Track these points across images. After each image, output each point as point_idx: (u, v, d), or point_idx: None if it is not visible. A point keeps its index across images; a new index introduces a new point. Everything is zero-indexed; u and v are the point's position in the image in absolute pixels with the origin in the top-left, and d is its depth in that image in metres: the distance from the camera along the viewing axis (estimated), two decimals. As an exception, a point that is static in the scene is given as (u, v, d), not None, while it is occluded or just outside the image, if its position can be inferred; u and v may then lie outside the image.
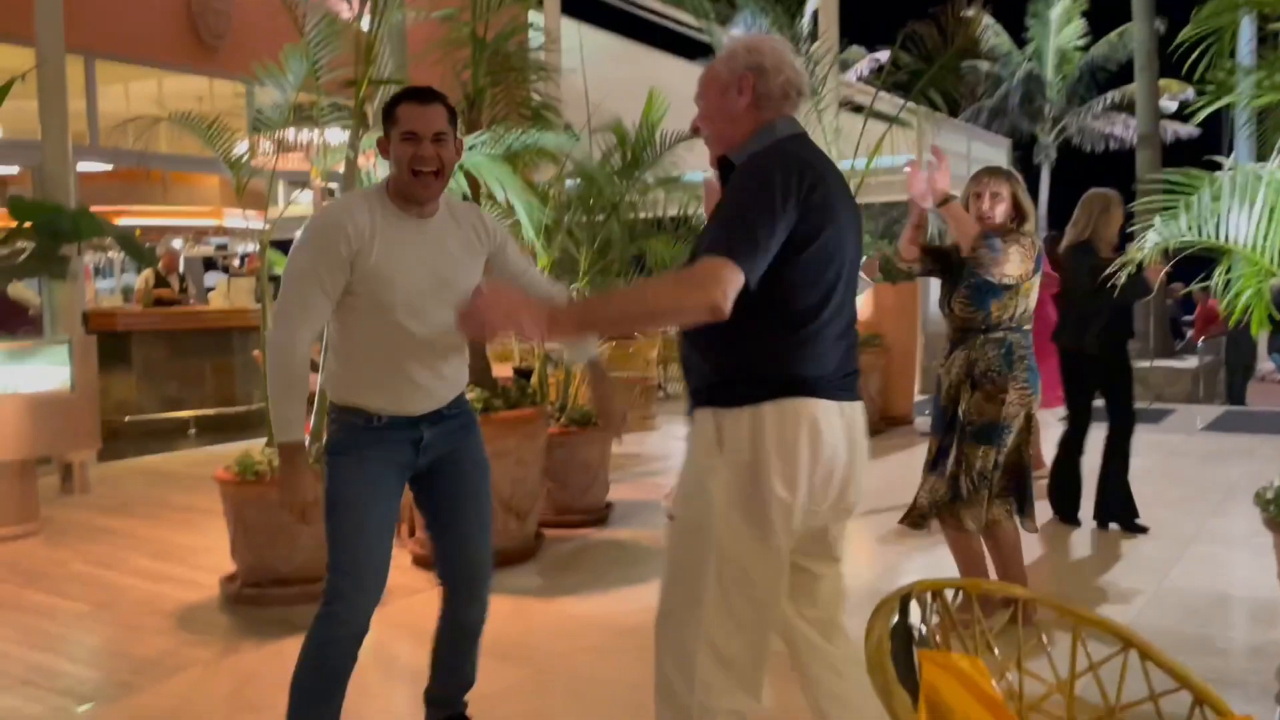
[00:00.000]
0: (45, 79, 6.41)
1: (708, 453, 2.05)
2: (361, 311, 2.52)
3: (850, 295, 2.15)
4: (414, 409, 2.60)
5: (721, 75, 2.17)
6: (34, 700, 3.36)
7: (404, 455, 2.61)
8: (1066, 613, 1.76)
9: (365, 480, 2.56)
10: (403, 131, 2.48)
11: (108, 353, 7.37)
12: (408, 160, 2.47)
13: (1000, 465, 3.62)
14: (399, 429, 2.59)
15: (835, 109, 8.68)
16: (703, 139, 2.26)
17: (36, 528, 5.62)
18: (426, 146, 2.47)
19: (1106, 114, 24.96)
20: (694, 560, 2.05)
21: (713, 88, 2.19)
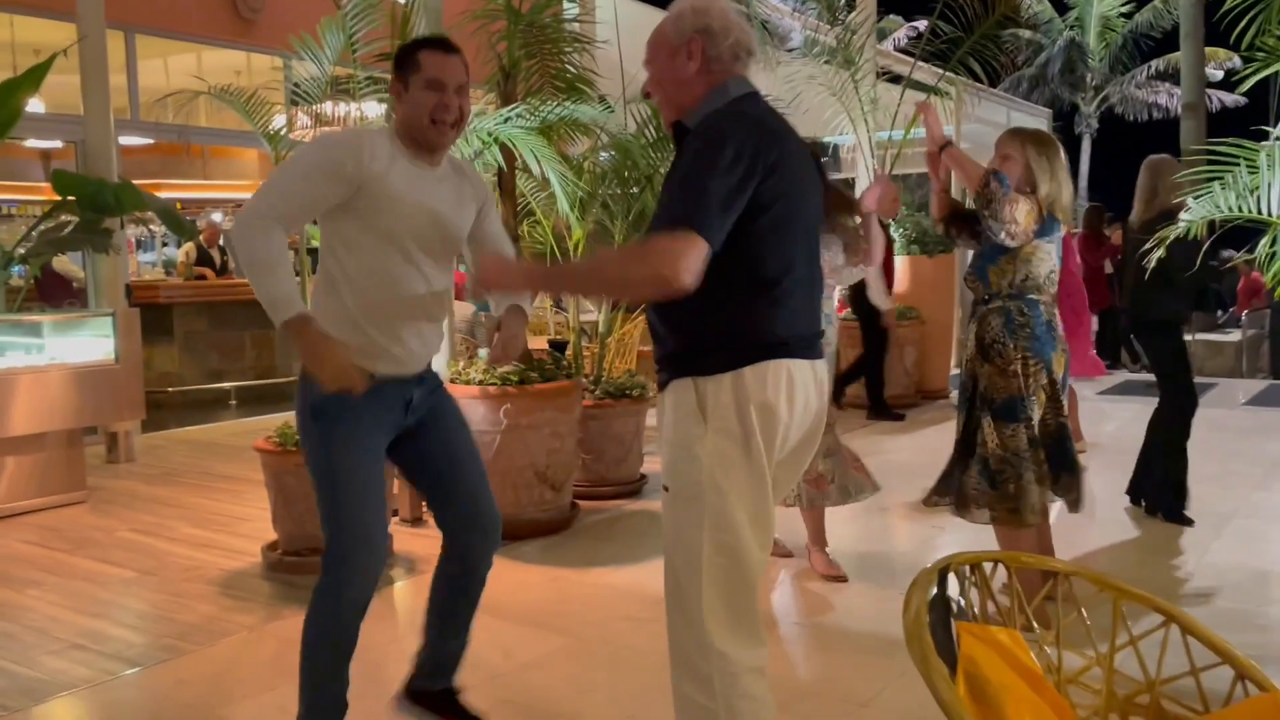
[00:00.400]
0: (87, 54, 6.47)
1: (694, 420, 2.04)
2: (364, 250, 2.46)
3: (815, 255, 2.15)
4: (408, 368, 2.56)
5: (670, 39, 2.13)
6: (82, 664, 3.44)
7: (394, 416, 2.55)
8: (1106, 586, 1.76)
9: (362, 445, 2.48)
10: (427, 78, 2.44)
11: (150, 325, 7.48)
12: (430, 108, 2.44)
13: (1035, 442, 3.51)
14: (391, 388, 2.52)
15: (872, 79, 8.58)
16: (656, 104, 2.21)
17: (84, 496, 5.74)
18: (450, 96, 2.45)
19: (1150, 83, 24.47)
20: (691, 527, 2.04)
21: (661, 51, 2.15)
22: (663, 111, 2.21)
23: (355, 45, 4.82)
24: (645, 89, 2.21)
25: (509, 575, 4.11)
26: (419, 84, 2.45)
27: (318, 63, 4.90)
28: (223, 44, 8.71)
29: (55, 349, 5.73)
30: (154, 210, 6.47)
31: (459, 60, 2.50)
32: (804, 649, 3.53)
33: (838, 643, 3.55)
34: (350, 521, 2.44)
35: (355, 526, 2.44)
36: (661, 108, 2.21)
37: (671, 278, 1.87)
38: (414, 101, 2.45)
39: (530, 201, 5.87)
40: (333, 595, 2.46)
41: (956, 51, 8.21)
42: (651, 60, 2.17)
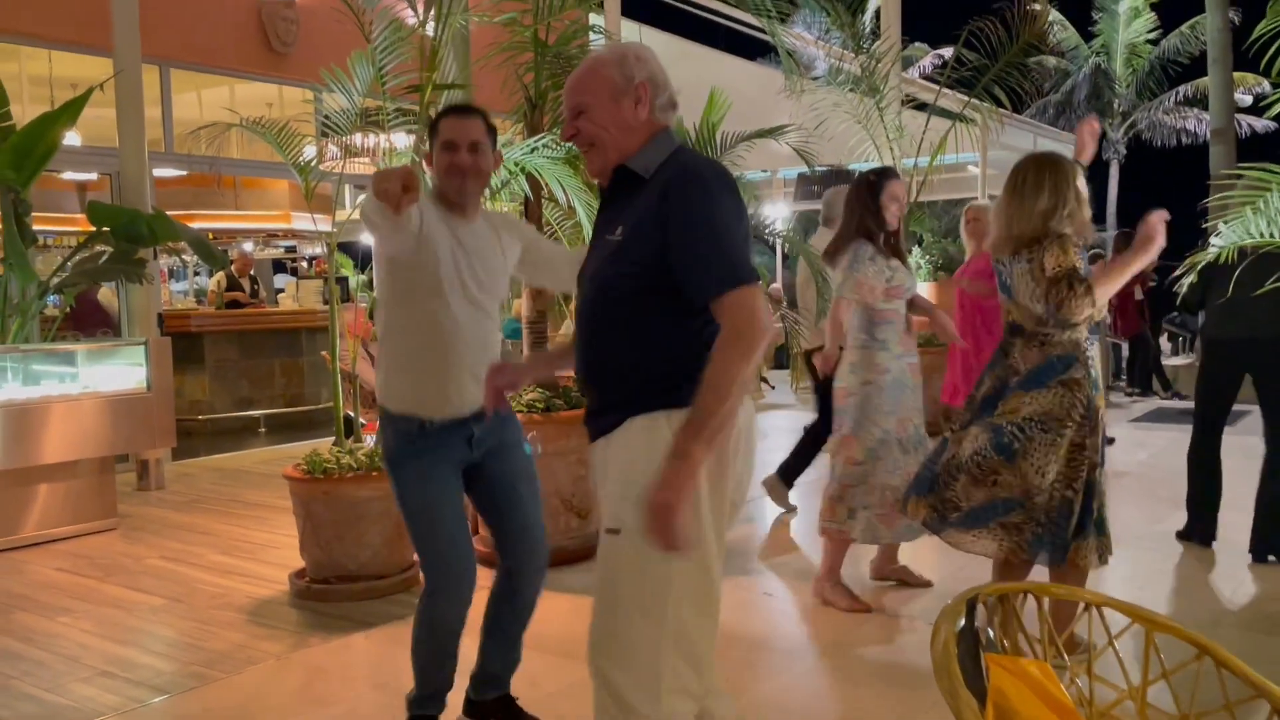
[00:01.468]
0: (123, 88, 6.60)
1: (652, 455, 1.94)
2: (411, 304, 2.74)
3: None
4: (462, 410, 2.78)
5: (615, 82, 2.08)
6: (111, 691, 3.46)
7: (459, 452, 2.81)
8: (1138, 617, 1.73)
9: (430, 482, 2.77)
10: (442, 141, 2.75)
11: (181, 353, 7.57)
12: (445, 165, 2.74)
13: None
14: (451, 430, 2.78)
15: (898, 106, 8.60)
16: (579, 147, 2.12)
17: (114, 523, 5.80)
18: (462, 155, 2.72)
19: (1178, 108, 24.35)
20: (650, 566, 1.95)
21: (603, 94, 2.08)
22: (597, 153, 2.11)
23: (384, 78, 4.88)
24: (571, 130, 2.11)
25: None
26: (438, 147, 2.77)
27: (348, 95, 4.98)
28: (255, 77, 8.86)
29: (88, 378, 5.81)
30: (186, 240, 6.57)
31: (475, 121, 2.77)
32: (830, 681, 3.49)
33: (864, 675, 3.51)
34: (430, 553, 2.77)
35: (434, 557, 2.76)
36: (597, 150, 2.10)
37: (762, 336, 1.90)
38: (436, 163, 2.78)
39: (556, 230, 5.91)
40: (427, 612, 2.80)
41: (982, 79, 8.23)
42: (589, 102, 2.08)
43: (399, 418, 2.79)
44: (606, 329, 2.08)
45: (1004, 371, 3.40)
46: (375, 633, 3.96)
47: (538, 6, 4.88)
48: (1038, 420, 3.25)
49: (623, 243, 2.04)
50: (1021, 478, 3.25)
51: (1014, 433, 3.26)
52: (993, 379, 3.45)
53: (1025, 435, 3.25)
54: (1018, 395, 3.31)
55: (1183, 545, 4.86)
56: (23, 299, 5.89)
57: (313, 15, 8.54)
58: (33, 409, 5.42)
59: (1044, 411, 3.25)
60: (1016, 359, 3.36)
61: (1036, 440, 3.24)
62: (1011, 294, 3.37)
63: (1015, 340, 3.39)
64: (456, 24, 4.87)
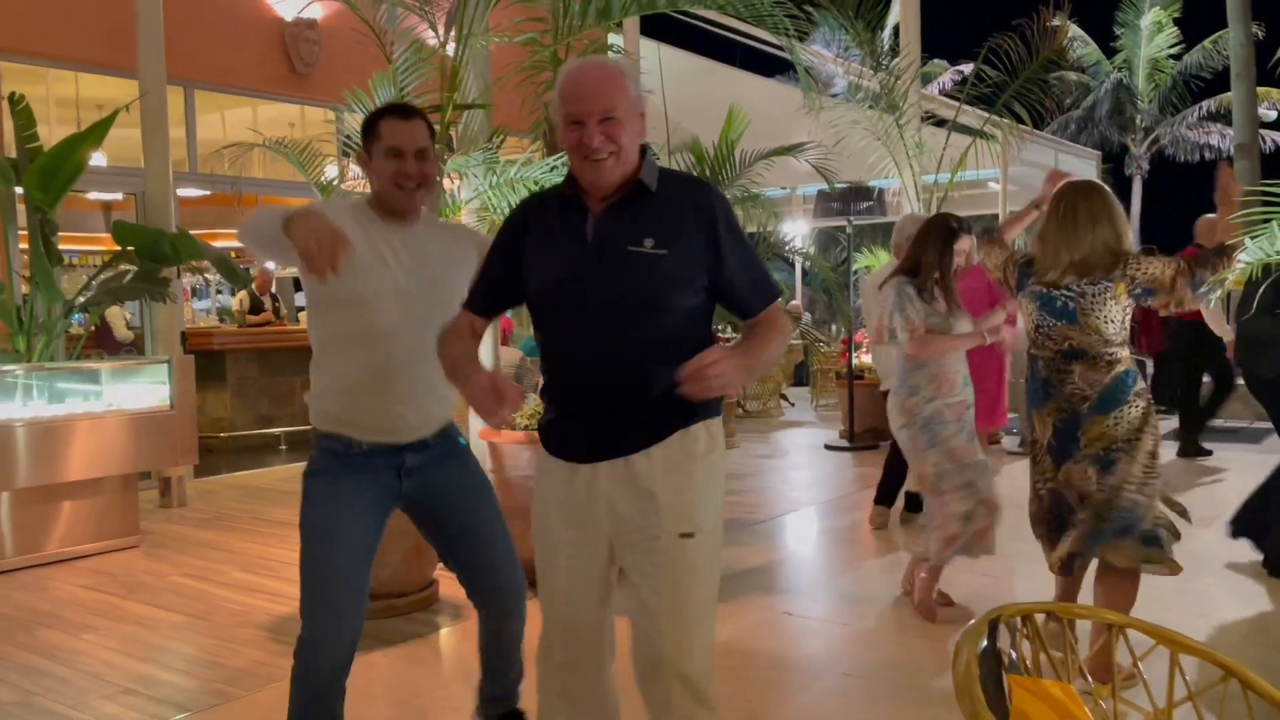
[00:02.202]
0: (147, 109, 6.68)
1: (718, 460, 2.19)
2: (341, 320, 2.54)
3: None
4: (396, 436, 2.56)
5: (635, 95, 2.11)
6: (134, 709, 3.48)
7: (386, 481, 2.57)
8: (1163, 638, 1.71)
9: (338, 502, 2.51)
10: (386, 146, 2.52)
11: (203, 371, 7.63)
12: (391, 175, 2.52)
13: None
14: (379, 455, 2.56)
15: (917, 123, 8.59)
16: (602, 162, 2.06)
17: (137, 540, 5.83)
18: (409, 162, 2.51)
19: (1201, 123, 24.19)
20: (716, 565, 2.20)
21: (630, 105, 2.09)
22: (618, 163, 2.08)
23: (406, 98, 4.92)
24: (603, 133, 2.04)
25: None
26: (380, 152, 2.53)
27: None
28: (277, 98, 8.95)
29: (112, 395, 5.86)
30: (209, 259, 6.63)
31: (418, 125, 2.55)
32: (852, 701, 3.46)
33: (885, 695, 3.49)
34: (312, 577, 2.47)
35: (315, 582, 2.46)
36: (618, 159, 2.07)
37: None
38: (378, 170, 2.55)
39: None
40: (301, 654, 2.46)
41: (1002, 95, 8.21)
42: (620, 109, 2.06)
43: (326, 435, 2.58)
44: (653, 343, 2.09)
45: (1065, 402, 3.36)
46: (394, 651, 3.96)
47: (557, 26, 4.92)
48: (1134, 436, 3.29)
49: (667, 258, 2.07)
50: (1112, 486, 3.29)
51: (1120, 452, 3.29)
52: (1053, 414, 3.39)
53: (1129, 453, 3.29)
54: (1098, 420, 3.30)
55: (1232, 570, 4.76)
56: (48, 318, 5.96)
57: (335, 36, 8.63)
58: (57, 427, 5.47)
59: (1137, 426, 3.29)
60: (1079, 385, 3.32)
61: (1130, 451, 3.29)
62: (1075, 318, 3.33)
63: (1073, 366, 3.34)
64: (477, 44, 4.90)
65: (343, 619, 2.45)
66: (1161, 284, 3.28)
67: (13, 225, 6.24)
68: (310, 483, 2.55)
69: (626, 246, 2.08)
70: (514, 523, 4.52)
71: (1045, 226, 3.45)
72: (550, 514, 2.23)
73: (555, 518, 2.22)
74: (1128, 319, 3.35)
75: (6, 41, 7.10)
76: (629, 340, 2.09)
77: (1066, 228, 3.34)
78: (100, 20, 7.36)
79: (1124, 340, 3.35)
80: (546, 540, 2.25)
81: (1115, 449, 3.29)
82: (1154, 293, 3.30)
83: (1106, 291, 3.29)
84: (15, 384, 5.59)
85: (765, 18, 4.78)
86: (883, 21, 8.36)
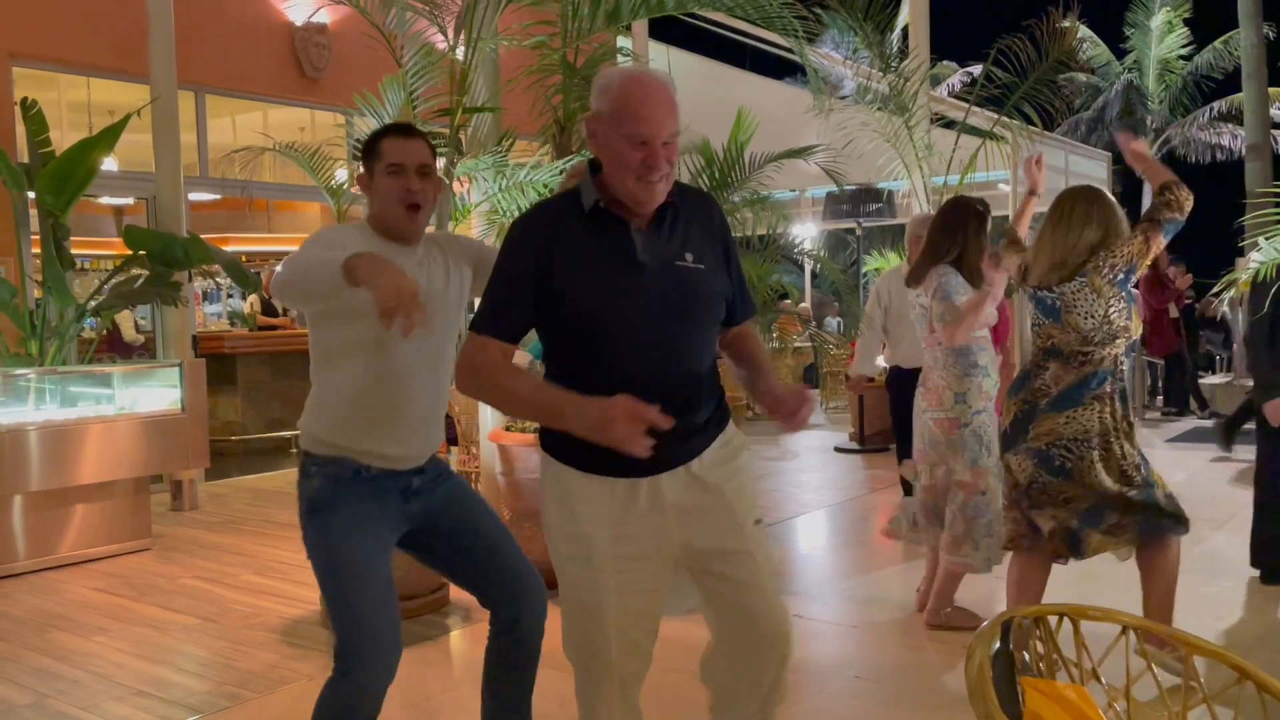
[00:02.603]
0: (159, 114, 6.71)
1: (745, 456, 2.28)
2: (351, 351, 2.42)
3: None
4: (404, 465, 2.48)
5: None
6: (145, 710, 3.49)
7: (393, 505, 2.49)
8: (1178, 641, 1.70)
9: (362, 534, 2.41)
10: (388, 164, 2.42)
11: (215, 375, 7.65)
12: (397, 193, 2.41)
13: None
14: (387, 479, 2.46)
15: (926, 125, 8.57)
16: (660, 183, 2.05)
17: (149, 543, 5.85)
18: (412, 178, 2.41)
19: (1213, 124, 24.08)
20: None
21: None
22: (666, 187, 2.08)
23: (415, 102, 4.94)
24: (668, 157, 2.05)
25: (560, 624, 4.10)
26: (382, 171, 2.43)
27: (379, 119, 5.04)
28: (288, 102, 8.98)
29: (124, 399, 5.89)
30: (220, 263, 6.65)
31: (420, 143, 2.46)
32: (862, 704, 3.46)
33: (897, 698, 3.48)
34: (355, 614, 2.37)
35: (360, 619, 2.36)
36: (667, 185, 2.08)
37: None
38: (381, 189, 2.43)
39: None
40: (344, 689, 2.37)
41: (1011, 96, 8.19)
42: (675, 130, 2.08)
43: (329, 460, 2.46)
44: (702, 354, 2.18)
45: (1030, 395, 3.43)
46: (406, 653, 3.91)
47: (566, 30, 4.93)
48: (1083, 439, 3.31)
49: (704, 271, 2.14)
50: (1090, 488, 3.31)
51: (1063, 454, 3.32)
52: (1017, 404, 3.47)
53: (1076, 454, 3.31)
54: (1050, 417, 3.34)
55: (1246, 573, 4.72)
56: (60, 322, 5.99)
57: (344, 41, 8.65)
58: (70, 430, 5.50)
59: (1086, 430, 3.30)
60: (1048, 381, 3.39)
61: (1087, 458, 3.30)
62: (1059, 316, 3.37)
63: (1049, 363, 3.40)
64: (486, 48, 4.92)
65: (394, 650, 2.39)
66: (1139, 253, 3.31)
67: (25, 230, 6.27)
68: (323, 519, 2.42)
69: (674, 262, 2.11)
70: (525, 525, 4.53)
71: (1042, 229, 3.47)
72: (595, 535, 2.13)
73: (603, 537, 2.12)
74: (1114, 313, 3.32)
75: (19, 47, 7.14)
76: (685, 352, 2.13)
77: (1060, 231, 3.38)
78: (112, 26, 7.40)
79: (1105, 339, 3.32)
80: (590, 562, 2.14)
81: (1060, 448, 3.32)
82: (1134, 270, 3.32)
83: (1085, 287, 3.31)
84: (28, 388, 5.62)
85: (774, 20, 4.78)
86: (892, 23, 8.34)
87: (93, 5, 7.41)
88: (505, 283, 2.11)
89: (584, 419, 1.93)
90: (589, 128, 2.08)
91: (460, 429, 6.03)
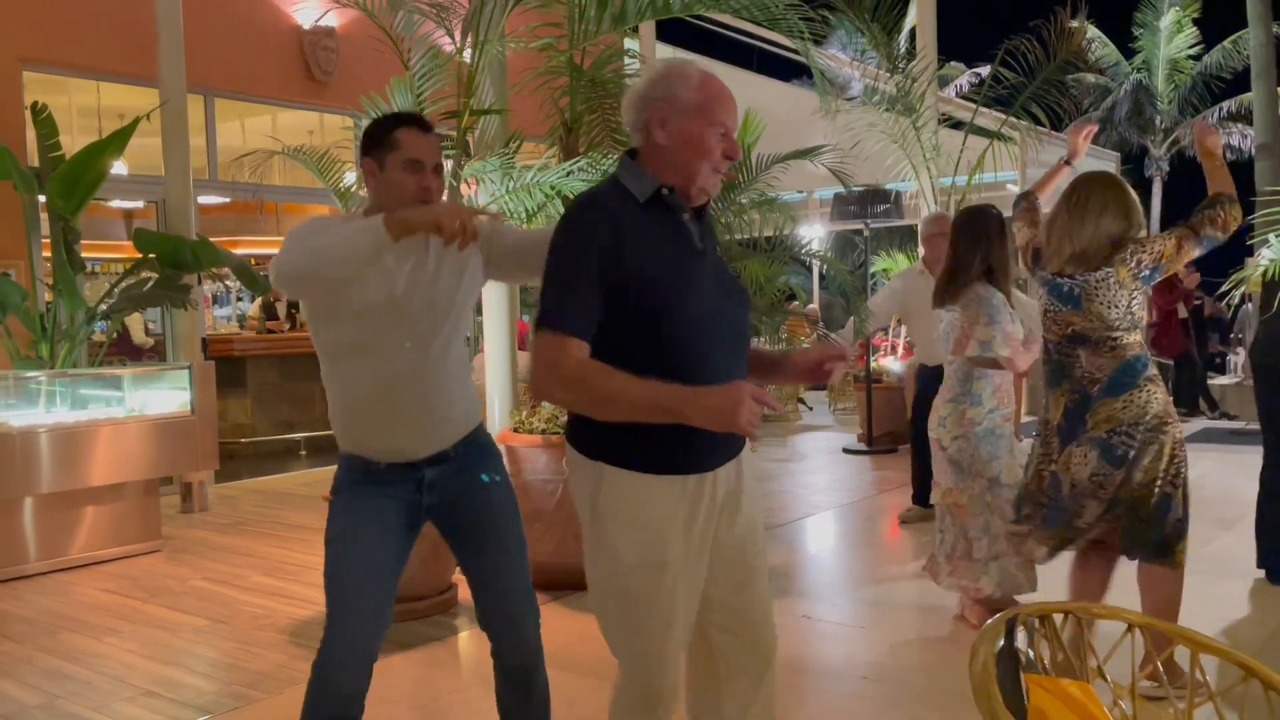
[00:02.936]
0: (168, 118, 6.74)
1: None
2: (357, 337, 2.39)
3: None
4: (418, 453, 2.44)
5: None
6: (156, 711, 3.51)
7: (407, 496, 2.45)
8: (1184, 639, 1.70)
9: (358, 513, 2.41)
10: (405, 159, 2.34)
11: (224, 377, 7.68)
12: (412, 190, 2.34)
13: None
14: (399, 472, 2.44)
15: (934, 125, 8.57)
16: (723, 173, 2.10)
17: (159, 545, 5.88)
18: (429, 176, 2.36)
19: (1222, 124, 23.99)
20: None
21: None
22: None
23: (423, 104, 4.95)
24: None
25: (571, 626, 4.11)
26: (397, 164, 2.34)
27: (387, 122, 5.04)
28: (296, 105, 9.01)
29: (134, 401, 5.91)
30: (229, 266, 6.68)
31: (436, 139, 2.42)
32: (869, 705, 3.46)
33: (904, 698, 3.48)
34: (332, 593, 2.36)
35: (336, 591, 2.35)
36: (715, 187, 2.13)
37: None
38: (392, 182, 2.35)
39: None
40: (317, 671, 2.34)
41: (1019, 97, 8.18)
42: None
43: (346, 456, 2.50)
44: (747, 340, 2.22)
45: (1074, 385, 3.35)
46: (414, 654, 3.98)
47: (573, 32, 4.94)
48: (1144, 422, 3.25)
49: (725, 260, 2.21)
50: (1123, 481, 3.26)
51: (1124, 440, 3.25)
52: (1063, 396, 3.39)
53: (1135, 439, 3.25)
54: (1107, 403, 3.27)
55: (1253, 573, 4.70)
56: (71, 324, 6.02)
57: (352, 44, 8.68)
58: (80, 432, 5.53)
59: (1147, 413, 3.25)
60: (1086, 368, 3.32)
61: (1147, 442, 3.25)
62: (1079, 303, 3.31)
63: (1079, 351, 3.33)
64: (493, 50, 4.93)
65: (358, 635, 2.33)
66: (1169, 256, 3.28)
67: (36, 233, 6.31)
68: (332, 502, 2.48)
69: (715, 250, 2.17)
70: (533, 525, 4.54)
71: (1055, 213, 3.41)
72: (670, 537, 2.03)
73: (678, 539, 2.03)
74: (1135, 305, 3.30)
75: (30, 52, 7.18)
76: (743, 338, 2.17)
77: (1074, 217, 3.32)
78: (121, 30, 7.44)
79: (1131, 326, 3.30)
80: (666, 568, 2.03)
81: (1120, 435, 3.24)
82: (1160, 270, 3.28)
83: (1110, 278, 3.27)
84: (39, 390, 5.65)
85: (780, 21, 4.78)
86: (899, 24, 8.34)
87: (102, 10, 7.45)
88: (575, 275, 1.96)
89: (708, 409, 1.84)
90: (658, 115, 2.02)
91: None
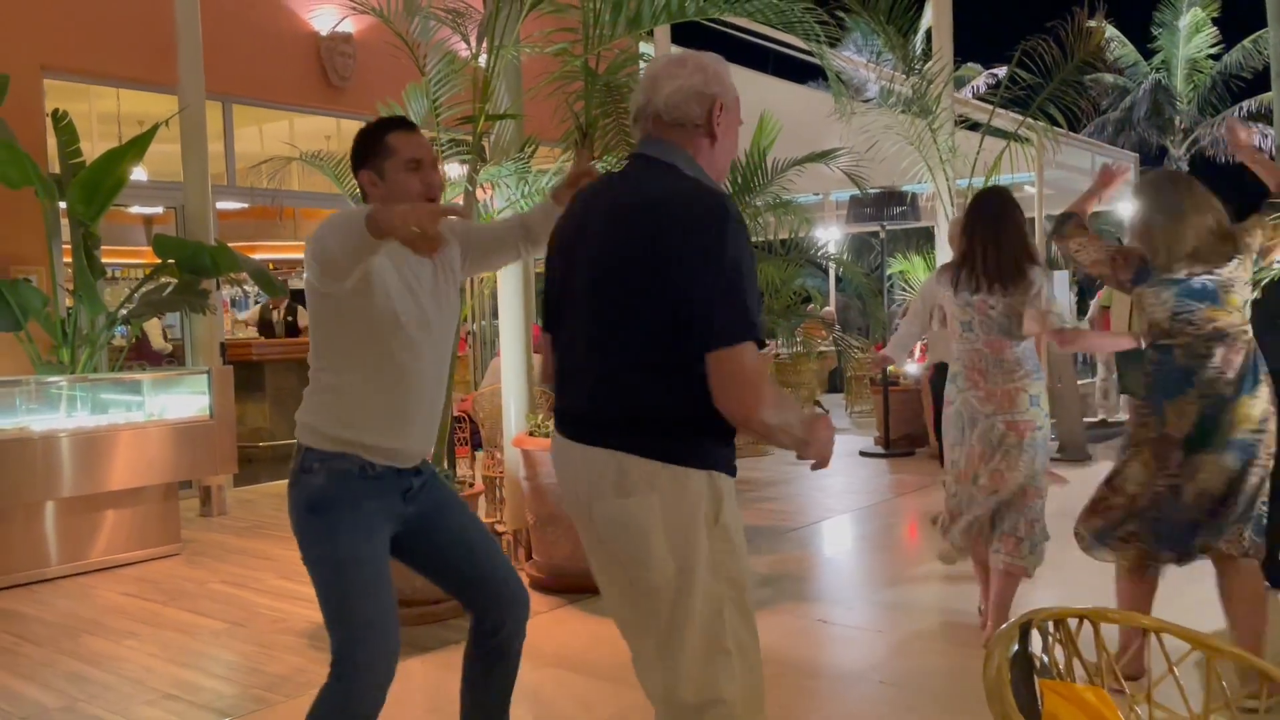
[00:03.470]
0: (187, 124, 6.79)
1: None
2: (366, 342, 2.36)
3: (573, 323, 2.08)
4: (410, 459, 2.44)
5: None
6: (175, 714, 3.53)
7: (395, 506, 2.43)
8: (1199, 644, 1.69)
9: (368, 532, 2.35)
10: (406, 159, 2.35)
11: (242, 382, 7.72)
12: (419, 188, 2.34)
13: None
14: (392, 478, 2.41)
15: (950, 127, 8.54)
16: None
17: (178, 548, 5.92)
18: (430, 172, 2.37)
19: (1242, 124, 23.83)
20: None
21: None
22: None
23: (439, 109, 4.97)
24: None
25: (584, 629, 4.11)
26: (398, 168, 2.35)
27: (403, 127, 5.07)
28: (313, 111, 9.06)
29: (153, 406, 5.96)
30: (248, 271, 6.72)
31: (423, 135, 2.44)
32: (884, 709, 3.45)
33: (919, 702, 3.46)
34: (363, 616, 2.30)
35: (368, 621, 2.29)
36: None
37: None
38: (399, 186, 2.35)
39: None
40: (344, 693, 2.28)
41: (1037, 98, 8.14)
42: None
43: (335, 456, 2.38)
44: None
45: (1208, 387, 3.21)
46: (431, 657, 3.99)
47: (588, 36, 4.95)
48: (1269, 417, 3.22)
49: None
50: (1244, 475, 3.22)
51: (1257, 436, 3.21)
52: (1195, 401, 3.22)
53: (1263, 435, 3.22)
54: (1244, 401, 3.20)
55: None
56: (91, 330, 6.07)
57: (369, 50, 8.72)
58: (100, 437, 5.57)
59: (1267, 407, 3.22)
60: (1219, 366, 3.21)
61: (1268, 434, 3.22)
62: (1218, 298, 3.23)
63: (1215, 349, 3.22)
64: (508, 55, 4.94)
65: (394, 655, 2.32)
66: (1276, 242, 3.26)
67: (57, 239, 6.37)
68: (327, 517, 2.35)
69: None
70: (549, 529, 4.55)
71: (1149, 221, 3.31)
72: (745, 548, 2.01)
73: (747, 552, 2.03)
74: (1248, 290, 3.28)
75: (50, 59, 7.25)
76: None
77: (1171, 219, 3.25)
78: (141, 38, 7.50)
79: (1248, 315, 3.27)
80: (749, 588, 2.02)
81: (1256, 433, 3.20)
82: (1264, 256, 3.28)
83: (1240, 266, 3.23)
84: (59, 395, 5.70)
85: (795, 24, 4.77)
86: (915, 26, 8.31)
87: (122, 18, 7.51)
88: (748, 281, 1.89)
89: (821, 440, 2.02)
90: (718, 107, 2.10)
91: (484, 434, 6.07)
